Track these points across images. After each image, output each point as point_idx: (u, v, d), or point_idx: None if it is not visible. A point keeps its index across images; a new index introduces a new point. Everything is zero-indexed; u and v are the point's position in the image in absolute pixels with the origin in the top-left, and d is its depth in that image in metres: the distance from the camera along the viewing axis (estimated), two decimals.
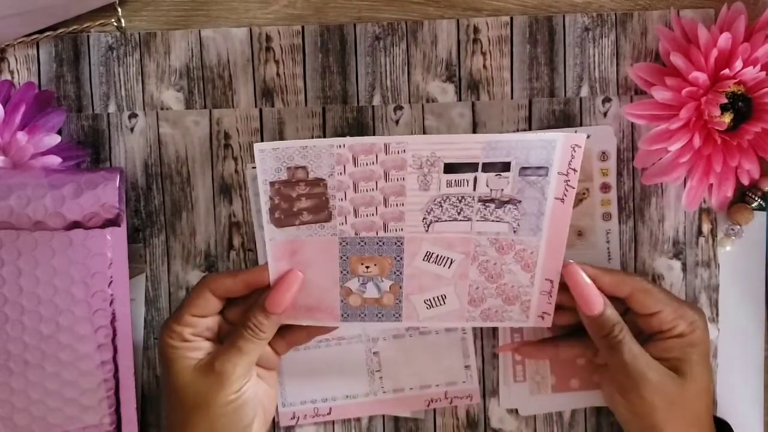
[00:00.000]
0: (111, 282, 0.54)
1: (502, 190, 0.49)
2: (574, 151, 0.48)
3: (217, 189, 0.57)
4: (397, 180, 0.49)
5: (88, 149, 0.57)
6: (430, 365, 0.57)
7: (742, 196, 0.56)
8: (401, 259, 0.51)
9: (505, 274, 0.52)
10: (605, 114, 0.56)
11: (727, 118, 0.52)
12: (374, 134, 0.56)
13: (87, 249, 0.54)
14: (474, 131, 0.56)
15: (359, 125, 0.57)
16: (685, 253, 0.57)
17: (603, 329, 0.51)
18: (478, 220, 0.50)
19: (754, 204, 0.56)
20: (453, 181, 0.49)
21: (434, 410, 0.58)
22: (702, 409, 0.52)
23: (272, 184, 0.49)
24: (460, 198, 0.49)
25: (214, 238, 0.57)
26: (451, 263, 0.51)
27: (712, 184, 0.54)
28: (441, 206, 0.49)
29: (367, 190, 0.49)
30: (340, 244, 0.50)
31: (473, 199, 0.49)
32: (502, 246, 0.51)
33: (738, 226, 0.56)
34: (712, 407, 0.52)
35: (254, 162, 0.56)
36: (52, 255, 0.53)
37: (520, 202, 0.49)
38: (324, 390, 0.57)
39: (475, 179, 0.48)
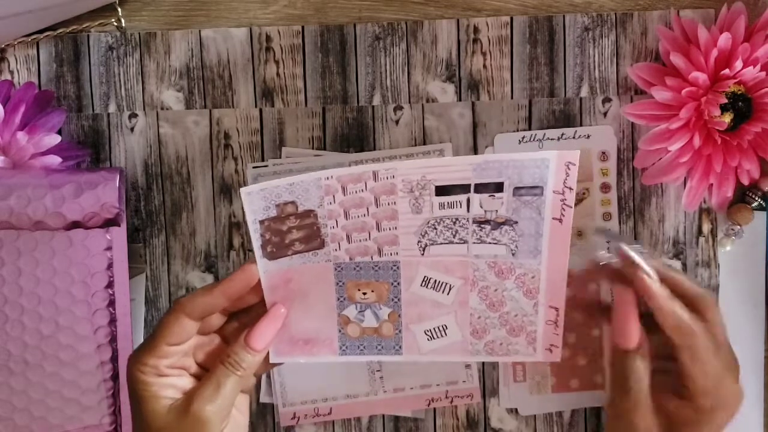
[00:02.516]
0: (111, 282, 0.54)
1: (497, 211, 0.48)
2: (569, 169, 0.47)
3: (217, 189, 0.57)
4: (389, 204, 0.48)
5: (88, 149, 0.57)
6: (430, 364, 0.57)
7: (742, 196, 0.56)
8: (398, 284, 0.50)
9: (507, 301, 0.50)
10: (605, 114, 0.56)
11: (727, 118, 0.52)
12: (374, 134, 0.57)
13: (87, 249, 0.54)
14: (474, 131, 0.56)
15: (359, 125, 0.57)
16: (685, 253, 0.57)
17: (623, 375, 0.49)
18: (474, 243, 0.49)
19: (754, 204, 0.56)
20: (445, 204, 0.48)
21: (434, 410, 0.58)
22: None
23: (262, 222, 0.48)
24: (454, 220, 0.48)
25: (214, 238, 0.57)
26: (450, 289, 0.50)
27: (712, 184, 0.54)
28: (435, 229, 0.48)
29: (358, 216, 0.48)
30: (335, 269, 0.49)
31: (468, 221, 0.48)
32: (502, 270, 0.49)
33: (738, 226, 0.56)
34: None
35: (254, 162, 0.57)
36: (52, 255, 0.53)
37: (516, 222, 0.48)
38: (324, 390, 0.57)
39: (468, 200, 0.48)
